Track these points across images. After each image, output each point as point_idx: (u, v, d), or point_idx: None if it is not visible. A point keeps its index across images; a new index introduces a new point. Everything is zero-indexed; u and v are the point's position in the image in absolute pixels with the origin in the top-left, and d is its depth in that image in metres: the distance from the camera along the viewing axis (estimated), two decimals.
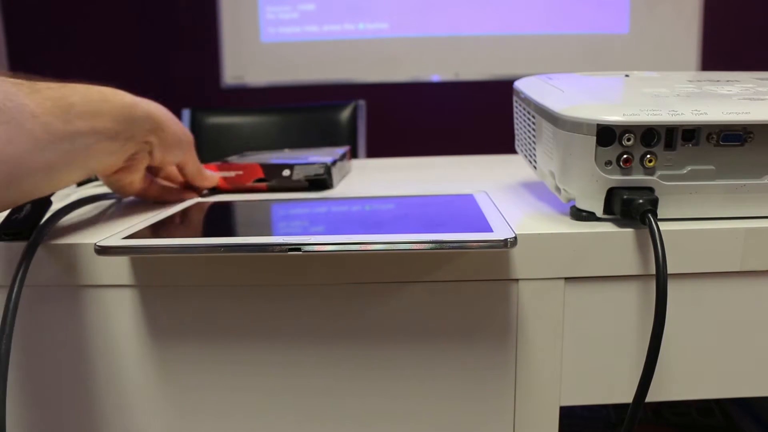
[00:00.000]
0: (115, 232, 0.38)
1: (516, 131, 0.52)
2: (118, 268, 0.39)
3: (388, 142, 2.34)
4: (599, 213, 0.40)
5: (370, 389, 0.40)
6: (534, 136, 0.45)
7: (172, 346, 0.40)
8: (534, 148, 0.45)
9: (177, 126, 0.46)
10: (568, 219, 0.41)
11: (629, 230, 0.38)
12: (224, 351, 0.40)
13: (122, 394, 0.41)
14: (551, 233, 0.38)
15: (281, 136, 1.55)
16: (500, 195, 0.51)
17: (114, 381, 0.41)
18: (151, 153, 0.45)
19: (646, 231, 0.37)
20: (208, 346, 0.40)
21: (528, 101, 0.45)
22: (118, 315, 0.40)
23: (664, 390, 0.40)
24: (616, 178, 0.38)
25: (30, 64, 2.41)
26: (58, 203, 0.48)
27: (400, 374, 0.40)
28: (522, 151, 0.51)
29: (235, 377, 0.40)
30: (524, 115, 0.47)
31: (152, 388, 0.41)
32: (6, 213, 0.42)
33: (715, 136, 0.38)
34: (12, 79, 0.34)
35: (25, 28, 2.38)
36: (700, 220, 0.39)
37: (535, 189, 0.53)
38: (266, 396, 0.41)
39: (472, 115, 2.31)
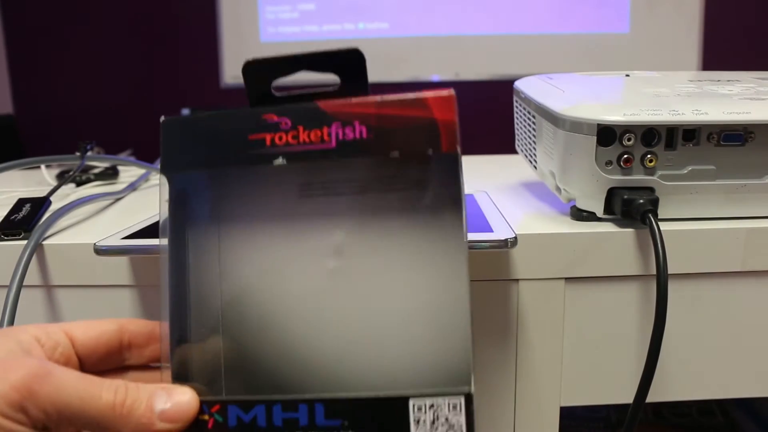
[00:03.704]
0: (115, 232, 0.38)
1: (516, 131, 0.52)
2: (118, 268, 0.39)
3: None
4: (600, 213, 0.39)
5: None
6: (534, 136, 0.45)
7: None
8: (534, 148, 0.45)
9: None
10: (568, 219, 0.41)
11: (630, 230, 0.38)
12: None
13: None
14: (551, 233, 0.38)
15: None
16: (500, 195, 0.50)
17: None
18: None
19: (647, 231, 0.37)
20: None
21: (528, 101, 0.45)
22: (117, 315, 0.39)
23: (664, 390, 0.40)
24: (617, 178, 0.38)
25: (29, 64, 2.41)
26: (57, 203, 0.47)
27: None
28: (522, 151, 0.50)
29: None
30: (524, 115, 0.47)
31: None
32: (6, 213, 0.42)
33: (715, 136, 0.37)
34: None
35: (24, 28, 2.38)
36: (701, 220, 0.39)
37: (535, 189, 0.53)
38: None
39: (472, 115, 2.31)
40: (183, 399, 0.26)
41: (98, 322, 0.29)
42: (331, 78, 0.30)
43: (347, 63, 0.30)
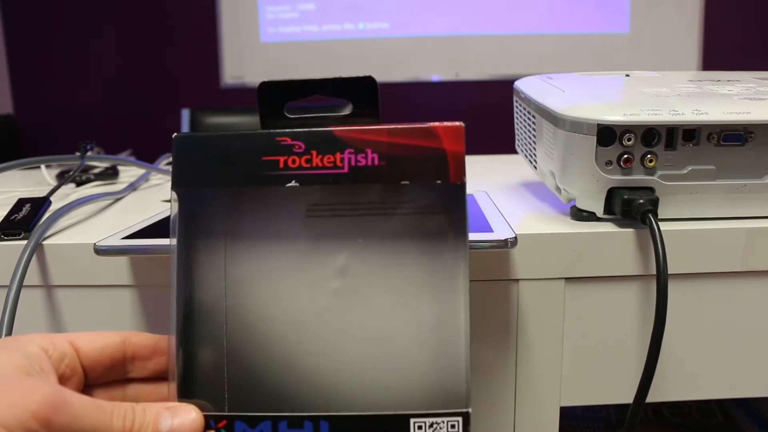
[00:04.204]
0: (115, 232, 0.38)
1: (516, 131, 0.52)
2: (118, 268, 0.39)
3: None
4: (600, 213, 0.39)
5: None
6: (534, 136, 0.45)
7: None
8: (534, 148, 0.45)
9: None
10: (568, 219, 0.41)
11: (630, 230, 0.38)
12: None
13: None
14: (551, 233, 0.38)
15: None
16: (500, 195, 0.50)
17: None
18: None
19: (647, 231, 0.37)
20: None
21: (528, 101, 0.45)
22: (117, 315, 0.39)
23: (664, 390, 0.40)
24: (617, 178, 0.38)
25: (29, 64, 2.41)
26: (57, 203, 0.47)
27: None
28: (522, 151, 0.50)
29: None
30: (524, 115, 0.47)
31: None
32: (6, 213, 0.42)
33: (715, 136, 0.37)
34: None
35: (24, 28, 2.38)
36: (701, 220, 0.39)
37: (535, 189, 0.53)
38: None
39: (472, 115, 2.31)
40: (188, 419, 0.27)
41: (103, 333, 0.29)
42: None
43: (361, 90, 0.31)
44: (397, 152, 0.28)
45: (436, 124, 0.28)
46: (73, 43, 2.38)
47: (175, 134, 0.29)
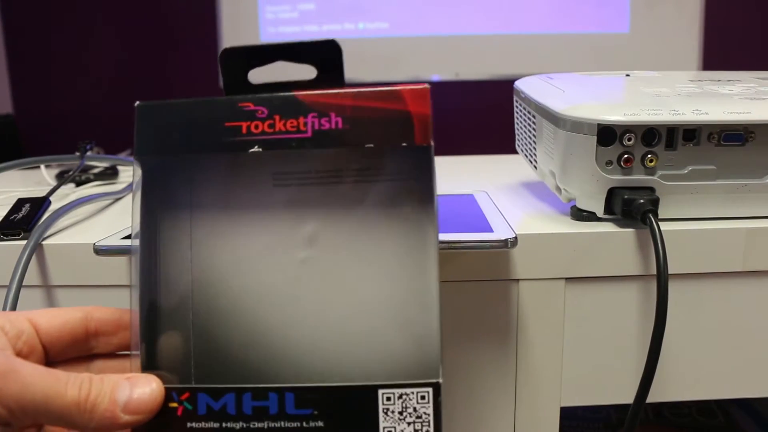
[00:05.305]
0: (114, 232, 0.38)
1: (516, 131, 0.52)
2: (118, 268, 0.39)
3: None
4: (600, 213, 0.39)
5: None
6: (534, 135, 0.45)
7: None
8: (534, 148, 0.45)
9: None
10: (568, 219, 0.41)
11: (630, 230, 0.38)
12: None
13: None
14: (551, 233, 0.38)
15: None
16: (500, 195, 0.50)
17: None
18: None
19: (647, 231, 0.37)
20: None
21: (528, 101, 0.45)
22: None
23: (664, 390, 0.40)
24: (617, 178, 0.38)
25: (29, 64, 2.41)
26: (57, 203, 0.47)
27: None
28: (522, 151, 0.50)
29: None
30: (524, 114, 0.47)
31: None
32: (5, 213, 0.42)
33: (716, 135, 0.37)
34: None
35: (24, 29, 2.38)
36: (701, 220, 0.39)
37: (535, 189, 0.53)
38: None
39: (472, 115, 2.31)
40: (146, 390, 0.26)
41: (64, 310, 0.28)
42: (307, 75, 0.31)
43: (324, 55, 0.30)
44: (361, 115, 0.27)
45: (401, 86, 0.27)
46: (73, 43, 2.38)
47: (138, 102, 0.28)
